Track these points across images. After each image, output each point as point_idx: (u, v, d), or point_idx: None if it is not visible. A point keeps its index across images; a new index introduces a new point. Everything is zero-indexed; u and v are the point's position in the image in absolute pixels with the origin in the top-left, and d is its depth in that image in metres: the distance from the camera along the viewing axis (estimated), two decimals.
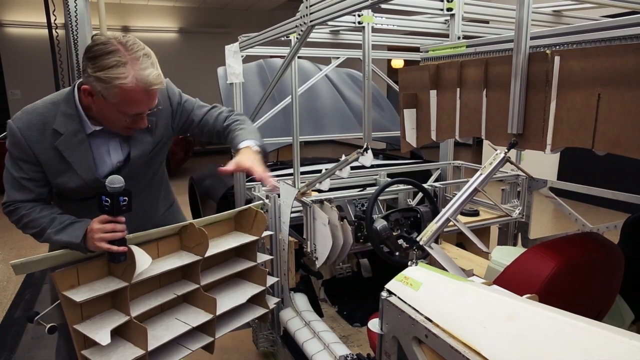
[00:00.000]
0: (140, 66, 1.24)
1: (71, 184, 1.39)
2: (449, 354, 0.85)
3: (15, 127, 1.32)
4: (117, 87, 1.23)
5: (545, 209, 5.27)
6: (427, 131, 1.67)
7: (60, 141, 1.33)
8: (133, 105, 1.29)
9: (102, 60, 1.21)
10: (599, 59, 1.05)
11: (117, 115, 1.31)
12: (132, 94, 1.25)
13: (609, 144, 1.06)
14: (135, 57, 1.24)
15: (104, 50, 1.22)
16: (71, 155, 1.36)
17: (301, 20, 1.68)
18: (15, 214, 1.37)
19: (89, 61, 1.23)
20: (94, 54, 1.23)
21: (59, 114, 1.34)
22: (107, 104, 1.27)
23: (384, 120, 3.48)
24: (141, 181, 1.54)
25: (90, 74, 1.23)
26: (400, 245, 2.06)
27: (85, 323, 1.34)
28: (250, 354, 2.63)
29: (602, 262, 1.40)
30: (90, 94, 1.28)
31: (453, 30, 2.33)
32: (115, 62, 1.21)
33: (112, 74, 1.21)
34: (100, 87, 1.24)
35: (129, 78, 1.22)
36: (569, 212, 2.34)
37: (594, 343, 0.73)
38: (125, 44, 1.24)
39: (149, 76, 1.25)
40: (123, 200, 1.28)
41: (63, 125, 1.33)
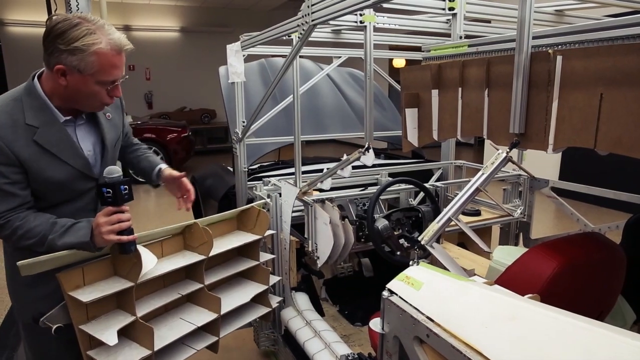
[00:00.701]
0: (108, 31, 1.27)
1: (59, 176, 1.34)
2: (450, 354, 0.85)
3: None
4: (93, 53, 1.23)
5: (547, 209, 5.26)
6: (428, 131, 1.67)
7: (38, 134, 1.29)
8: (110, 71, 1.29)
9: (72, 33, 1.22)
10: (601, 58, 1.05)
11: (95, 88, 1.30)
12: (108, 58, 1.26)
13: (611, 143, 1.06)
14: (100, 25, 1.26)
15: (69, 24, 1.23)
16: (53, 146, 1.32)
17: (303, 20, 1.68)
18: (6, 228, 1.28)
19: (57, 38, 1.22)
20: (59, 30, 1.22)
21: (26, 108, 1.29)
22: (82, 78, 1.27)
23: (386, 119, 3.48)
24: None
25: (63, 49, 1.22)
26: (402, 244, 2.06)
27: (91, 323, 1.34)
28: (251, 353, 2.63)
29: (604, 262, 1.39)
30: (64, 74, 1.26)
31: (455, 30, 2.33)
32: (86, 31, 1.23)
33: (87, 41, 1.22)
34: (75, 60, 1.23)
35: (103, 43, 1.24)
36: (571, 212, 2.34)
37: (595, 343, 0.73)
38: (85, 17, 1.26)
39: (120, 38, 1.29)
40: (124, 189, 1.28)
41: (35, 118, 1.30)
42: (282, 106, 2.71)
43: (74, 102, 1.35)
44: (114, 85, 1.34)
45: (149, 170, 1.72)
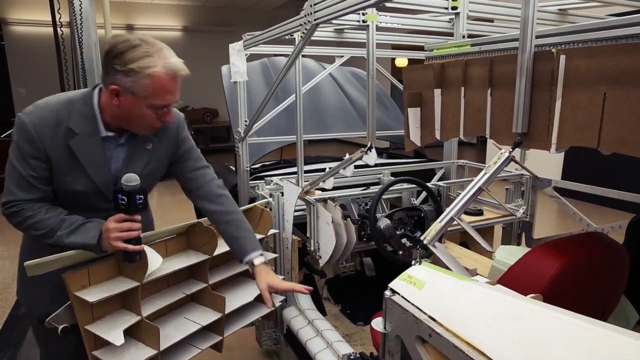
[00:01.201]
0: (166, 55, 1.27)
1: (77, 186, 1.35)
2: (452, 354, 0.85)
3: (28, 121, 1.28)
4: (148, 76, 1.24)
5: (549, 209, 5.25)
6: (431, 130, 1.66)
7: (75, 141, 1.31)
8: (163, 95, 1.29)
9: (130, 54, 1.23)
10: (604, 57, 1.05)
11: (145, 111, 1.30)
12: (162, 83, 1.26)
13: (615, 143, 1.06)
14: (159, 49, 1.27)
15: (129, 45, 1.23)
16: (84, 156, 1.33)
17: (305, 19, 1.68)
18: (18, 215, 1.31)
19: (115, 59, 1.23)
20: (119, 51, 1.23)
21: (74, 113, 1.31)
22: (135, 100, 1.27)
23: (388, 119, 3.47)
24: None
25: (119, 69, 1.23)
26: (404, 244, 2.06)
27: (96, 323, 1.34)
28: (253, 352, 2.63)
29: (607, 262, 1.39)
30: (117, 94, 1.27)
31: (458, 29, 2.32)
32: (144, 54, 1.23)
33: (143, 64, 1.23)
34: (129, 82, 1.24)
35: (159, 67, 1.24)
36: (574, 211, 2.33)
37: (598, 343, 0.72)
38: (146, 40, 1.26)
39: (176, 63, 1.29)
40: (139, 199, 1.28)
41: (78, 124, 1.31)
42: (284, 105, 2.71)
43: (123, 122, 1.36)
44: (165, 111, 1.34)
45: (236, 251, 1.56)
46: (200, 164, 1.59)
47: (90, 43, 2.55)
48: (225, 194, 1.60)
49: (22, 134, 1.28)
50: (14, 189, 1.31)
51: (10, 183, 1.31)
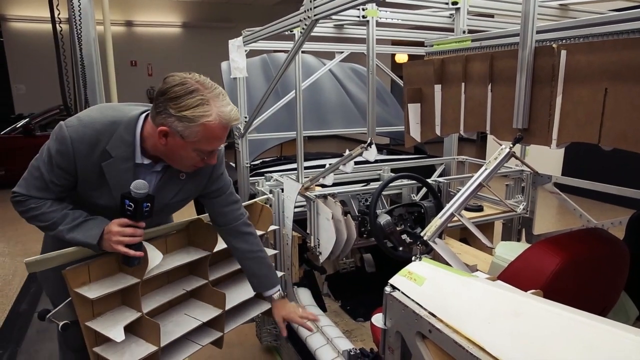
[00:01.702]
0: (222, 103, 1.25)
1: (101, 201, 1.37)
2: (452, 349, 0.85)
3: (68, 135, 1.27)
4: (201, 125, 1.23)
5: (550, 205, 5.25)
6: (431, 126, 1.66)
7: (108, 163, 1.31)
8: (212, 142, 1.28)
9: (185, 100, 1.21)
10: (606, 53, 1.04)
11: (191, 154, 1.30)
12: (214, 131, 1.25)
13: (616, 139, 1.05)
14: (215, 95, 1.25)
15: (185, 90, 1.22)
16: (113, 179, 1.33)
17: (305, 15, 1.67)
18: (23, 205, 1.33)
19: (170, 102, 1.22)
20: (175, 94, 1.22)
21: (115, 136, 1.30)
22: (183, 143, 1.26)
23: (388, 115, 3.47)
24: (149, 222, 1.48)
25: (173, 114, 1.22)
26: (404, 240, 2.06)
27: (97, 320, 1.34)
28: (253, 348, 2.64)
29: (607, 258, 1.39)
30: (166, 135, 1.26)
31: (458, 25, 2.32)
32: (200, 101, 1.22)
33: (198, 113, 1.21)
34: (181, 126, 1.23)
35: (213, 115, 1.23)
36: (574, 207, 2.33)
37: (598, 339, 0.72)
38: (203, 83, 1.25)
39: (230, 112, 1.27)
40: (146, 207, 1.29)
41: (116, 148, 1.30)
42: (284, 102, 2.71)
43: (164, 157, 1.35)
44: (211, 154, 1.33)
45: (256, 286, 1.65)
46: (231, 200, 1.59)
47: (89, 39, 2.54)
48: (251, 231, 1.63)
49: (58, 145, 1.28)
50: (29, 186, 1.32)
51: (29, 178, 1.32)
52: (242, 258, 1.62)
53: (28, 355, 2.70)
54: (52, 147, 1.29)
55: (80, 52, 2.53)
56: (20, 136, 6.84)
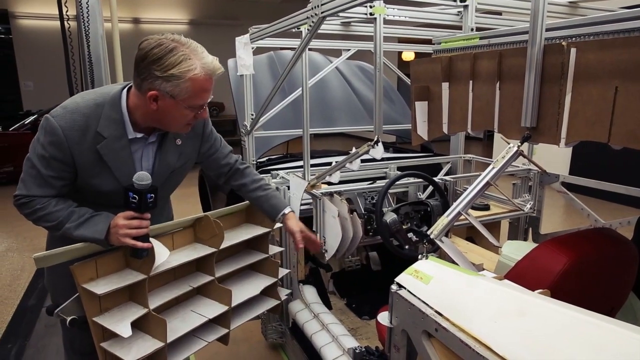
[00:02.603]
0: (202, 55, 1.27)
1: (105, 187, 1.37)
2: (459, 348, 0.85)
3: (58, 125, 1.26)
4: (189, 80, 1.23)
5: (556, 204, 5.22)
6: (438, 124, 1.65)
7: (103, 145, 1.31)
8: (202, 95, 1.29)
9: (168, 59, 1.21)
10: (617, 50, 1.03)
11: (184, 112, 1.30)
12: (202, 83, 1.26)
13: (626, 138, 1.04)
14: (193, 49, 1.26)
15: (165, 49, 1.22)
16: (112, 160, 1.34)
17: (312, 12, 1.67)
18: (28, 207, 1.32)
19: (153, 64, 1.22)
20: (155, 56, 1.21)
21: (103, 116, 1.31)
22: (174, 103, 1.27)
23: (395, 113, 3.46)
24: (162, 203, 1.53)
25: (159, 75, 1.22)
26: (410, 238, 2.05)
27: (104, 316, 1.35)
28: (259, 345, 2.65)
29: (615, 258, 1.38)
30: (156, 99, 1.26)
31: (466, 22, 2.30)
32: (182, 57, 1.22)
33: (183, 68, 1.22)
34: (170, 86, 1.23)
35: (198, 68, 1.24)
36: (581, 207, 2.31)
37: (606, 339, 0.72)
38: (179, 40, 1.25)
39: (212, 62, 1.28)
40: (150, 198, 1.29)
41: (107, 128, 1.31)
42: (290, 99, 2.70)
43: (157, 123, 1.36)
44: (202, 109, 1.35)
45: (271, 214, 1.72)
46: (227, 151, 1.72)
47: (97, 36, 2.56)
48: (247, 166, 1.77)
49: (49, 137, 1.28)
50: (29, 185, 1.31)
51: (27, 178, 1.32)
52: (249, 192, 1.72)
53: (36, 350, 2.72)
54: (44, 140, 1.28)
55: (87, 49, 2.55)
56: (28, 133, 6.90)
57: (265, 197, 1.71)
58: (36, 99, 9.91)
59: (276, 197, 1.73)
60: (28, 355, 2.67)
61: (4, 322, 3.05)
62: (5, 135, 6.84)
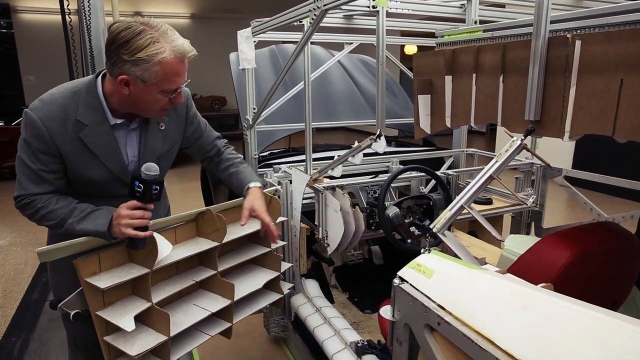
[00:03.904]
0: (172, 38, 1.25)
1: (95, 176, 1.36)
2: (461, 342, 0.85)
3: (37, 117, 1.26)
4: (157, 63, 1.22)
5: (559, 198, 5.20)
6: (441, 117, 1.65)
7: (85, 133, 1.30)
8: (173, 79, 1.28)
9: (135, 42, 1.20)
10: (622, 42, 1.02)
11: (156, 97, 1.29)
12: (172, 67, 1.25)
13: (631, 131, 1.03)
14: (163, 31, 1.24)
15: (132, 32, 1.20)
16: (97, 147, 1.33)
17: (314, 5, 1.66)
18: (30, 207, 1.32)
19: (121, 48, 1.21)
20: (122, 39, 1.20)
21: (81, 104, 1.30)
22: (146, 87, 1.26)
23: (397, 107, 3.44)
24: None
25: (127, 59, 1.21)
26: (413, 232, 2.05)
27: (107, 309, 1.35)
28: (261, 338, 2.66)
29: (618, 252, 1.37)
30: (127, 84, 1.26)
31: (470, 15, 2.29)
32: (150, 40, 1.21)
33: (151, 51, 1.20)
34: (139, 70, 1.22)
35: (167, 51, 1.22)
36: (584, 201, 2.30)
37: (609, 333, 0.72)
38: (148, 23, 1.23)
39: (183, 45, 1.27)
40: (155, 189, 1.29)
41: (87, 116, 1.30)
42: (292, 93, 2.69)
43: (133, 108, 1.35)
44: (176, 93, 1.33)
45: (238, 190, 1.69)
46: (213, 135, 1.73)
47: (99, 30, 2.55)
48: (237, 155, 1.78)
49: (30, 130, 1.27)
50: (25, 184, 1.31)
51: (22, 177, 1.32)
52: (222, 171, 1.72)
53: (40, 343, 2.74)
54: (27, 135, 1.28)
55: (89, 43, 2.54)
56: None
57: (235, 173, 1.69)
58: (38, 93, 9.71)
59: (244, 172, 1.69)
60: (32, 349, 2.69)
61: (8, 316, 3.07)
62: (8, 130, 6.85)
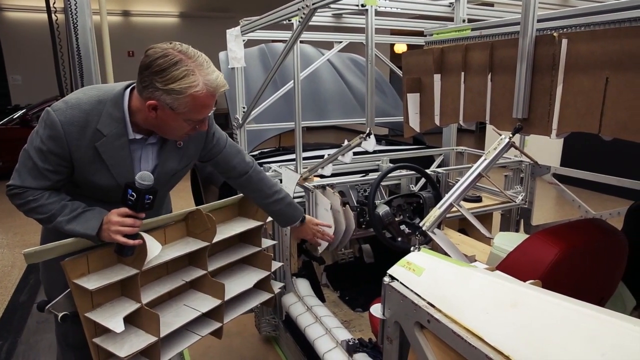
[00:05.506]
0: (207, 71, 1.24)
1: (101, 183, 1.36)
2: (451, 339, 0.85)
3: (57, 119, 1.25)
4: (189, 96, 1.22)
5: (548, 195, 5.26)
6: (430, 116, 1.65)
7: (102, 143, 1.30)
8: (201, 111, 1.28)
9: (170, 73, 1.20)
10: (608, 41, 1.03)
11: (182, 123, 1.30)
12: (202, 100, 1.25)
13: (617, 128, 1.05)
14: (199, 63, 1.24)
15: (169, 62, 1.20)
16: (110, 158, 1.33)
17: (303, 3, 1.65)
18: (20, 198, 1.30)
19: (156, 75, 1.21)
20: (159, 67, 1.20)
21: (104, 114, 1.29)
22: (173, 114, 1.26)
23: (387, 105, 3.45)
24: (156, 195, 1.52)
25: (160, 87, 1.21)
26: (403, 230, 2.06)
27: (96, 311, 1.34)
28: (252, 338, 2.65)
29: (605, 248, 1.39)
30: (155, 109, 1.26)
31: (458, 13, 2.30)
32: (185, 72, 1.20)
33: (184, 84, 1.20)
34: (170, 99, 1.22)
35: (200, 85, 1.22)
36: (572, 198, 2.33)
37: (597, 329, 0.72)
38: (186, 52, 1.23)
39: (217, 79, 1.26)
40: (148, 199, 1.28)
41: (107, 126, 1.30)
42: (282, 92, 2.69)
43: (155, 129, 1.35)
44: (201, 122, 1.33)
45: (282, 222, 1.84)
46: (235, 150, 1.66)
47: (86, 29, 2.52)
48: (264, 175, 1.74)
49: (48, 131, 1.26)
50: (24, 176, 1.30)
51: (22, 169, 1.30)
52: (264, 203, 1.73)
53: (28, 346, 2.71)
54: (43, 134, 1.27)
55: (76, 42, 2.51)
56: (17, 127, 6.80)
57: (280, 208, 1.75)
58: (25, 93, 9.77)
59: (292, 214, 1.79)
60: (20, 352, 2.65)
61: None
62: None
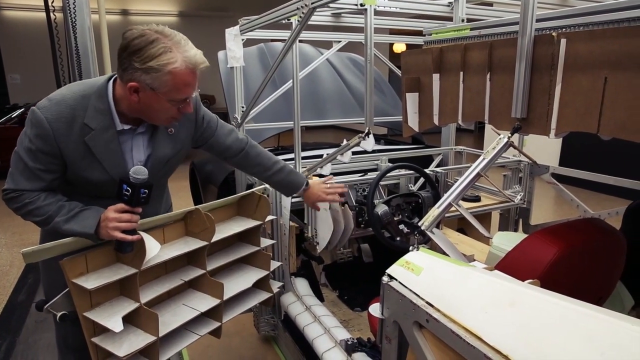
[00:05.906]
0: (185, 48, 1.24)
1: (94, 178, 1.35)
2: (450, 339, 0.86)
3: (44, 117, 1.25)
4: (168, 73, 1.21)
5: (546, 195, 5.26)
6: (429, 115, 1.65)
7: (91, 137, 1.29)
8: (183, 90, 1.27)
9: (148, 51, 1.19)
10: (606, 41, 1.03)
11: (165, 105, 1.29)
12: (183, 77, 1.24)
13: (615, 128, 1.05)
14: (176, 41, 1.23)
15: (146, 41, 1.19)
16: (101, 152, 1.32)
17: (302, 2, 1.65)
18: (17, 201, 1.30)
19: (133, 55, 1.20)
20: (135, 47, 1.20)
21: (90, 107, 1.29)
22: (155, 96, 1.25)
23: (386, 105, 3.45)
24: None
25: (138, 67, 1.20)
26: (402, 230, 2.06)
27: (95, 310, 1.34)
28: (251, 338, 2.65)
29: (604, 248, 1.39)
30: (136, 91, 1.25)
31: (457, 13, 2.30)
32: (162, 49, 1.20)
33: (162, 61, 1.20)
34: (149, 78, 1.22)
35: (178, 62, 1.21)
36: (571, 198, 2.33)
37: (595, 328, 0.72)
38: (163, 32, 1.22)
39: (196, 56, 1.25)
40: (143, 193, 1.27)
41: (94, 120, 1.29)
42: (281, 91, 2.69)
43: (141, 115, 1.34)
44: (185, 103, 1.32)
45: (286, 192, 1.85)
46: (227, 130, 1.67)
47: (84, 28, 2.51)
48: (260, 149, 1.75)
49: (35, 129, 1.26)
50: (17, 178, 1.30)
51: (15, 172, 1.30)
52: (266, 176, 1.75)
53: (26, 345, 2.70)
54: (30, 133, 1.27)
55: (75, 41, 2.50)
56: (15, 126, 6.79)
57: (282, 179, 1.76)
58: (23, 92, 9.77)
59: (294, 180, 1.79)
60: (18, 351, 2.65)
61: None
62: None
